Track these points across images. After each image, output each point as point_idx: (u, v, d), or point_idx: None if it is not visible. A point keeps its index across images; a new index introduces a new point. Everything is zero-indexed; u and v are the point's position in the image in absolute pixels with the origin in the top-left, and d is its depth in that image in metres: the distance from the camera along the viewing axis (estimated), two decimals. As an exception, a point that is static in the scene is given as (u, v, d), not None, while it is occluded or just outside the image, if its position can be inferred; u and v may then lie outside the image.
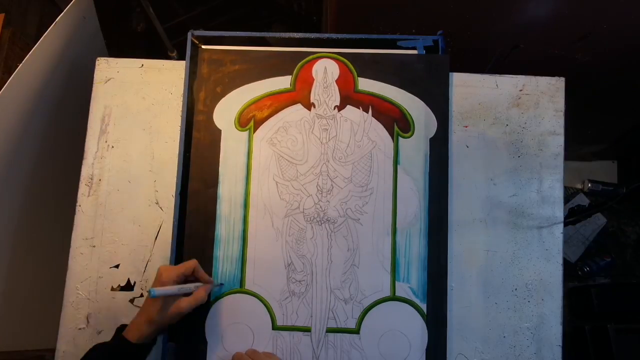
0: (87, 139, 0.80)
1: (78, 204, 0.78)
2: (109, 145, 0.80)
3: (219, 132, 0.77)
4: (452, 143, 0.78)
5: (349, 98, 0.78)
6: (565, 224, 0.96)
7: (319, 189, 0.76)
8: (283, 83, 0.78)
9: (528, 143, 0.80)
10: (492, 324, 0.75)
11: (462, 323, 0.75)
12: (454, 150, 0.79)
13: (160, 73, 0.82)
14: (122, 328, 0.66)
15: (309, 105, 0.78)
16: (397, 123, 0.77)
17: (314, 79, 0.79)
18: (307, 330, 0.73)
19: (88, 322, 0.75)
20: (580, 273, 1.62)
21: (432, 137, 0.77)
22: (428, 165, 0.76)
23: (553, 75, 0.81)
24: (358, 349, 0.72)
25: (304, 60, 0.79)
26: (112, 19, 1.43)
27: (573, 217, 1.61)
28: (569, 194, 1.67)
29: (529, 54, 1.02)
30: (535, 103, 0.80)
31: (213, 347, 0.72)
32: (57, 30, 0.84)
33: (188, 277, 0.67)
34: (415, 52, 0.81)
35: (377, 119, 0.77)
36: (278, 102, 0.78)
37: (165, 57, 1.16)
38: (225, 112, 0.78)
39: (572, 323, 1.53)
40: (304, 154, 0.77)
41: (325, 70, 0.79)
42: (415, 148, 0.77)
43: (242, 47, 0.80)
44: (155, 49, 1.27)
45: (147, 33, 1.45)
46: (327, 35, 0.82)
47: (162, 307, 0.63)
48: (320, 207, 0.75)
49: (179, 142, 0.79)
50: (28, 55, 0.79)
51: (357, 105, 0.78)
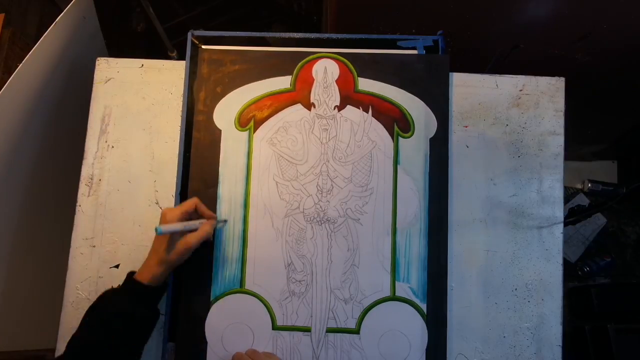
0: (87, 139, 0.80)
1: (78, 204, 0.78)
2: (109, 145, 0.80)
3: (219, 132, 0.77)
4: (452, 143, 0.78)
5: (349, 98, 0.78)
6: (565, 224, 0.96)
7: (319, 189, 0.76)
8: (283, 83, 0.78)
9: (528, 143, 0.80)
10: (492, 324, 0.75)
11: (462, 323, 0.75)
12: (454, 150, 0.79)
13: (160, 73, 0.82)
14: (132, 274, 0.67)
15: (309, 105, 0.78)
16: (397, 123, 0.77)
17: (314, 79, 0.79)
18: (307, 330, 0.73)
19: (88, 322, 0.74)
20: (580, 273, 1.62)
21: (432, 137, 0.77)
22: (428, 165, 0.76)
23: (553, 75, 0.81)
24: (358, 349, 0.72)
25: (304, 60, 0.79)
26: (112, 19, 1.43)
27: (573, 217, 1.61)
28: (569, 194, 1.67)
29: (529, 54, 1.02)
30: (535, 103, 0.80)
31: (213, 347, 0.72)
32: (57, 30, 0.84)
33: (191, 215, 0.68)
34: (415, 52, 0.81)
35: (377, 119, 0.77)
36: (278, 102, 0.78)
37: (165, 57, 1.16)
38: (225, 112, 0.78)
39: (572, 323, 1.53)
40: (304, 154, 0.77)
41: (325, 70, 0.79)
42: (415, 148, 0.77)
43: (242, 47, 0.80)
44: (155, 49, 1.27)
45: (147, 33, 1.46)
46: (327, 35, 0.82)
47: (170, 245, 0.65)
48: (320, 207, 0.75)
49: (179, 142, 0.79)
50: (28, 55, 0.79)
51: (357, 105, 0.78)
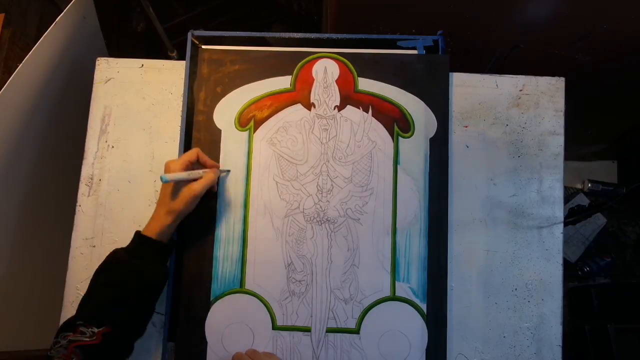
0: (87, 139, 0.80)
1: (78, 204, 0.78)
2: (109, 145, 0.80)
3: (219, 132, 0.77)
4: (452, 143, 0.78)
5: (349, 98, 0.78)
6: (565, 224, 0.96)
7: (319, 189, 0.76)
8: (283, 83, 0.78)
9: (528, 143, 0.80)
10: (492, 324, 0.75)
11: (462, 323, 0.75)
12: (454, 150, 0.79)
13: (160, 73, 0.82)
14: (139, 232, 0.68)
15: (309, 105, 0.78)
16: (397, 123, 0.77)
17: (314, 79, 0.78)
18: (307, 330, 0.73)
19: (88, 322, 0.74)
20: (580, 273, 1.62)
21: (432, 137, 0.77)
22: (428, 165, 0.76)
23: (553, 75, 0.81)
24: (358, 349, 0.72)
25: (304, 60, 0.79)
26: (112, 19, 1.43)
27: (573, 217, 1.61)
28: (569, 194, 1.67)
29: (529, 54, 1.02)
30: (535, 103, 0.80)
31: (213, 347, 0.72)
32: (57, 30, 0.84)
33: (194, 164, 0.71)
34: (415, 52, 0.81)
35: (377, 119, 0.77)
36: (278, 102, 0.78)
37: (165, 57, 1.16)
38: (225, 112, 0.78)
39: (572, 323, 1.53)
40: (304, 154, 0.77)
41: (325, 70, 0.79)
42: (415, 148, 0.77)
43: (242, 47, 0.80)
44: (155, 49, 1.27)
45: (147, 33, 1.45)
46: (327, 35, 0.82)
47: (176, 193, 0.68)
48: (320, 207, 0.75)
49: (179, 142, 0.79)
50: (28, 55, 0.79)
51: (357, 105, 0.78)
